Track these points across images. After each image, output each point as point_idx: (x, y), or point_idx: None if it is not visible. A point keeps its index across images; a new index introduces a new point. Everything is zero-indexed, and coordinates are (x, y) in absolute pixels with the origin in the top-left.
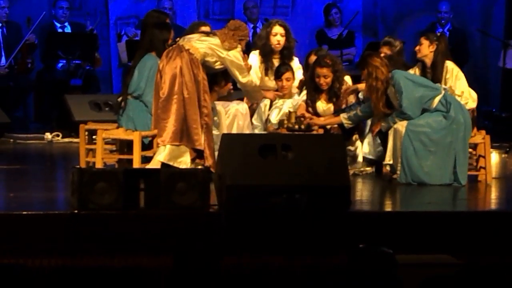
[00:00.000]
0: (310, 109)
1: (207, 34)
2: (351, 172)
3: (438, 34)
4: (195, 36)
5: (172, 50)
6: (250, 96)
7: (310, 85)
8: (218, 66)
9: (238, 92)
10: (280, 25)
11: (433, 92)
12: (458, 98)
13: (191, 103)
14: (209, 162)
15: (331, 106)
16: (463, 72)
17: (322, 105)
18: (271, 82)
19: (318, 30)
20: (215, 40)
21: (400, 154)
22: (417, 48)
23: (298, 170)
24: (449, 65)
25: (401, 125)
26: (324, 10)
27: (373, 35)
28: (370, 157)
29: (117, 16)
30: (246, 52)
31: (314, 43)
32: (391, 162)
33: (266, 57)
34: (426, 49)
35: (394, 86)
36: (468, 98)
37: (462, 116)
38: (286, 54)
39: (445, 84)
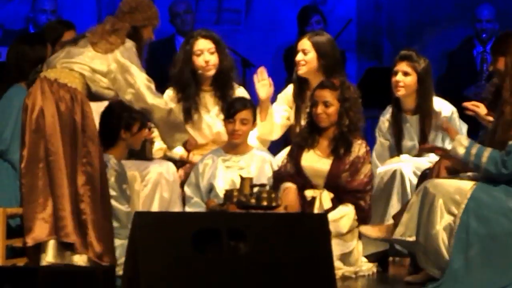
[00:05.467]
0: (288, 165)
1: (73, 42)
2: (339, 273)
3: (422, 60)
4: (59, 55)
5: (33, 90)
6: (167, 135)
7: (306, 122)
8: (109, 92)
9: None
10: (206, 37)
11: None
12: None
13: (57, 168)
14: (96, 250)
15: (328, 163)
16: None
17: (313, 157)
18: (198, 132)
19: (287, 47)
20: (88, 49)
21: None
22: (397, 79)
23: (255, 272)
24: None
25: (439, 186)
26: (299, 18)
27: (374, 56)
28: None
29: None
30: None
31: (281, 67)
32: (404, 237)
33: (186, 90)
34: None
35: None
36: None
37: None
38: (221, 82)
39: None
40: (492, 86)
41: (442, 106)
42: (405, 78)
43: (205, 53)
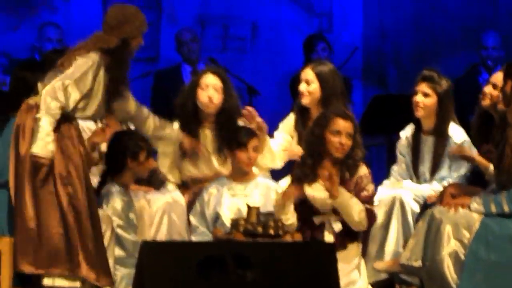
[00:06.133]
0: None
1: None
2: None
3: (444, 81)
4: (42, 80)
5: (17, 119)
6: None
7: (313, 152)
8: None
9: None
10: (215, 73)
11: None
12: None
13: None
14: (84, 272)
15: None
16: None
17: (317, 188)
18: (195, 169)
19: (293, 75)
20: (58, 70)
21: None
22: (417, 99)
23: None
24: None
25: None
26: (305, 45)
27: (380, 83)
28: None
29: None
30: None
31: (287, 95)
32: (410, 262)
33: (189, 125)
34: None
35: None
36: None
37: None
38: (222, 122)
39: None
40: (479, 114)
41: (454, 133)
42: (424, 99)
43: (210, 89)
